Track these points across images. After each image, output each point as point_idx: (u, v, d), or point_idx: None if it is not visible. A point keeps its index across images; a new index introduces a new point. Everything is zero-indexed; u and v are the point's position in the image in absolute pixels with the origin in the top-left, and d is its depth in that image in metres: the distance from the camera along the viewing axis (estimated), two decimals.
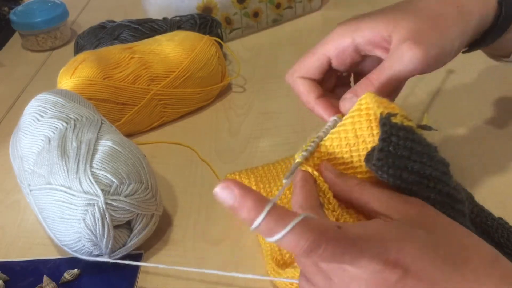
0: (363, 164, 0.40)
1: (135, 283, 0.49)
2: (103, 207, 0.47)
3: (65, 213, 0.48)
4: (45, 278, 0.50)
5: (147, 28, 0.78)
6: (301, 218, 0.29)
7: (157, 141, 0.69)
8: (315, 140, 0.42)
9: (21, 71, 0.89)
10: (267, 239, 0.29)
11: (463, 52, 0.50)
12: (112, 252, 0.49)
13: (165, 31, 0.78)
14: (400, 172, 0.37)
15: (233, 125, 0.70)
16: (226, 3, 0.87)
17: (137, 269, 0.50)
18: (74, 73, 0.65)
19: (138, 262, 0.50)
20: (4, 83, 0.86)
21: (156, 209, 0.52)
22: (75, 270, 0.50)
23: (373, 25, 0.44)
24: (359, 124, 0.40)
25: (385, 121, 0.38)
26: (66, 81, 0.65)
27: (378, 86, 0.43)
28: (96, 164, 0.49)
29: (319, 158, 0.42)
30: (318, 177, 0.40)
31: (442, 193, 0.37)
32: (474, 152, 0.60)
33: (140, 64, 0.67)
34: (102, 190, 0.47)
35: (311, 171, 0.40)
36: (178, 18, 0.81)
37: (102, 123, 0.56)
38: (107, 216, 0.47)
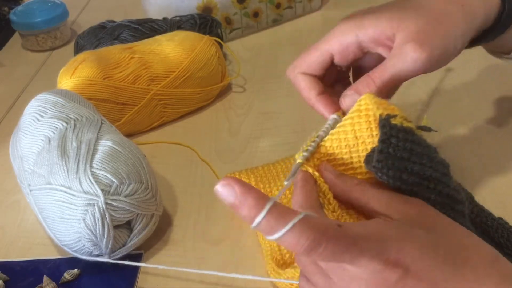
0: (363, 165, 0.40)
1: (135, 283, 0.49)
2: (103, 207, 0.47)
3: (65, 213, 0.48)
4: (45, 278, 0.50)
5: (147, 28, 0.78)
6: (302, 216, 0.29)
7: (157, 141, 0.69)
8: (316, 140, 0.42)
9: (21, 71, 0.89)
10: (268, 237, 0.29)
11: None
12: (112, 252, 0.49)
13: (165, 31, 0.78)
14: (400, 174, 0.37)
15: (233, 125, 0.70)
16: (226, 3, 0.87)
17: (137, 269, 0.50)
18: (74, 73, 0.65)
19: (138, 263, 0.50)
20: (4, 83, 0.86)
21: (156, 209, 0.52)
22: (75, 270, 0.50)
23: (377, 23, 0.43)
24: (359, 125, 0.40)
25: (385, 123, 0.38)
26: (66, 81, 0.65)
27: (380, 85, 0.43)
28: (96, 164, 0.49)
29: (319, 159, 0.42)
30: (319, 178, 0.40)
31: (442, 194, 0.37)
32: (474, 152, 0.60)
33: (140, 64, 0.67)
34: (102, 190, 0.47)
35: (312, 172, 0.40)
36: (178, 18, 0.81)
37: (102, 123, 0.56)
38: (107, 216, 0.47)
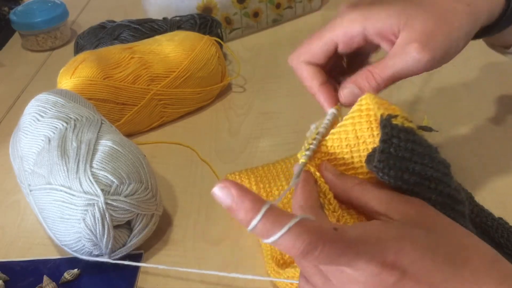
0: (364, 165, 0.40)
1: (135, 283, 0.49)
2: (103, 207, 0.47)
3: (65, 213, 0.48)
4: (45, 278, 0.50)
5: (147, 28, 0.78)
6: (298, 220, 0.29)
7: (157, 141, 0.69)
8: (317, 137, 0.42)
9: (21, 71, 0.89)
10: (264, 241, 0.30)
11: None
12: (112, 252, 0.49)
13: (165, 31, 0.78)
14: (401, 174, 0.37)
15: (233, 125, 0.70)
16: (226, 3, 0.87)
17: (137, 269, 0.50)
18: (74, 73, 0.65)
19: (138, 263, 0.50)
20: (4, 83, 0.86)
21: (156, 209, 0.52)
22: (75, 270, 0.50)
23: (385, 17, 0.43)
24: (360, 125, 0.40)
25: (386, 123, 0.38)
26: (66, 81, 0.65)
27: (379, 81, 0.43)
28: (96, 164, 0.49)
29: (320, 159, 0.42)
30: (319, 178, 0.40)
31: (443, 194, 0.37)
32: (474, 152, 0.60)
33: (140, 64, 0.67)
34: (102, 190, 0.47)
35: (313, 171, 0.40)
36: (178, 18, 0.81)
37: (102, 123, 0.56)
38: (107, 216, 0.47)
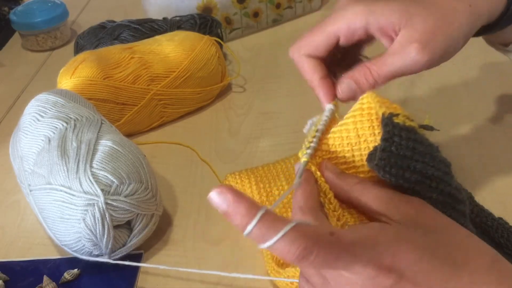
0: (365, 164, 0.40)
1: (135, 283, 0.49)
2: (103, 207, 0.47)
3: (65, 213, 0.48)
4: (45, 278, 0.50)
5: (147, 28, 0.78)
6: (293, 225, 0.29)
7: (157, 141, 0.69)
8: (317, 135, 0.42)
9: (21, 71, 0.89)
10: (259, 246, 0.30)
11: None
12: (112, 252, 0.49)
13: (165, 31, 0.78)
14: (403, 172, 0.37)
15: (233, 125, 0.70)
16: (226, 3, 0.87)
17: (137, 269, 0.50)
18: (74, 73, 0.65)
19: (138, 263, 0.50)
20: (4, 83, 0.86)
21: (156, 209, 0.52)
22: (75, 270, 0.50)
23: (388, 13, 0.43)
24: (361, 124, 0.40)
25: (387, 121, 0.38)
26: (66, 81, 0.65)
27: (377, 78, 0.43)
28: (96, 164, 0.49)
29: (321, 157, 0.42)
30: (320, 178, 0.40)
31: (444, 193, 0.37)
32: (474, 152, 0.60)
33: (140, 64, 0.67)
34: (102, 190, 0.47)
35: (314, 171, 0.40)
36: (178, 18, 0.81)
37: (102, 123, 0.56)
38: (107, 216, 0.47)
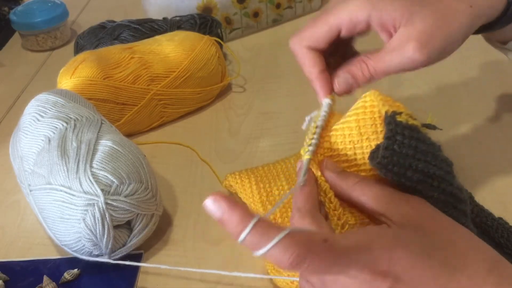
0: (367, 162, 0.40)
1: (135, 283, 0.49)
2: (103, 207, 0.47)
3: (65, 213, 0.48)
4: (45, 278, 0.50)
5: (147, 28, 0.78)
6: (286, 233, 0.29)
7: (157, 141, 0.69)
8: (317, 131, 0.42)
9: (21, 71, 0.89)
10: (253, 253, 0.30)
11: None
12: (112, 252, 0.49)
13: (165, 31, 0.78)
14: (405, 171, 0.37)
15: (233, 125, 0.70)
16: (226, 3, 0.87)
17: (137, 269, 0.50)
18: (74, 73, 0.65)
19: (138, 263, 0.50)
20: (4, 83, 0.86)
21: (156, 209, 0.52)
22: (75, 270, 0.50)
23: (391, 9, 0.42)
24: (364, 122, 0.40)
25: (390, 120, 0.38)
26: (66, 81, 0.65)
27: (373, 74, 0.43)
28: (96, 164, 0.49)
29: (322, 155, 0.41)
30: (320, 177, 0.40)
31: (446, 192, 0.37)
32: (474, 152, 0.60)
33: (140, 64, 0.67)
34: (102, 190, 0.47)
35: (315, 170, 0.40)
36: (178, 18, 0.81)
37: (102, 123, 0.56)
38: (107, 216, 0.47)
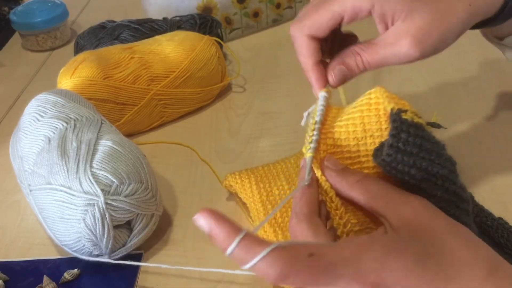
0: (370, 159, 0.39)
1: (135, 283, 0.49)
2: (103, 207, 0.47)
3: (65, 213, 0.48)
4: (45, 278, 0.50)
5: (147, 28, 0.78)
6: (270, 249, 0.30)
7: (157, 141, 0.69)
8: (316, 127, 0.42)
9: (21, 71, 0.89)
10: (241, 267, 0.31)
11: None
12: (112, 252, 0.49)
13: (165, 31, 0.78)
14: (409, 169, 0.36)
15: (233, 125, 0.70)
16: (226, 3, 0.87)
17: (137, 269, 0.50)
18: (74, 73, 0.65)
19: (139, 262, 0.50)
20: (4, 83, 0.86)
21: (156, 209, 0.52)
22: (75, 270, 0.50)
23: (394, 1, 0.42)
24: (368, 119, 0.40)
25: (396, 117, 0.38)
26: (66, 81, 0.65)
27: (367, 66, 0.44)
28: (96, 164, 0.49)
29: (325, 151, 0.41)
30: (321, 176, 0.40)
31: (449, 191, 0.37)
32: (474, 152, 0.60)
33: (140, 64, 0.67)
34: (102, 190, 0.47)
35: (316, 169, 0.40)
36: (178, 18, 0.81)
37: (102, 123, 0.56)
38: (107, 216, 0.47)
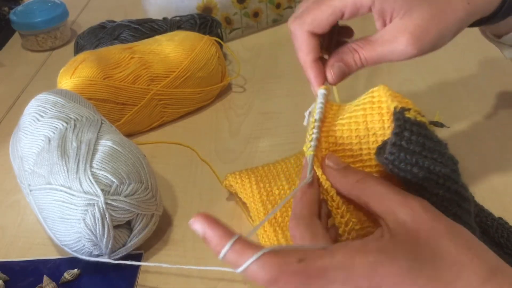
0: (372, 158, 0.39)
1: (135, 283, 0.49)
2: (103, 207, 0.47)
3: (65, 213, 0.48)
4: (45, 278, 0.50)
5: (147, 28, 0.78)
6: (260, 254, 0.31)
7: (157, 141, 0.69)
8: (316, 125, 0.42)
9: (21, 71, 0.89)
10: (235, 270, 0.32)
11: None
12: (112, 252, 0.49)
13: (165, 31, 0.78)
14: (411, 167, 0.37)
15: (233, 125, 0.70)
16: (226, 3, 0.87)
17: (137, 269, 0.50)
18: (74, 73, 0.65)
19: (139, 262, 0.50)
20: (4, 83, 0.86)
21: (156, 209, 0.52)
22: (75, 270, 0.50)
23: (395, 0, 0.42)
24: (371, 117, 0.40)
25: (399, 116, 0.38)
26: (66, 81, 0.65)
27: (364, 63, 0.44)
28: (96, 164, 0.49)
29: (327, 149, 0.41)
30: (321, 175, 0.40)
31: (451, 190, 0.37)
32: (474, 152, 0.60)
33: (140, 64, 0.67)
34: (102, 190, 0.47)
35: (316, 168, 0.40)
36: (178, 18, 0.81)
37: (102, 123, 0.56)
38: (107, 216, 0.47)
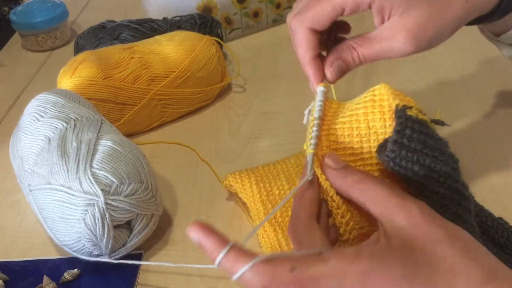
0: (373, 156, 0.39)
1: (135, 283, 0.49)
2: (103, 207, 0.47)
3: (65, 213, 0.48)
4: (45, 278, 0.50)
5: (147, 28, 0.78)
6: (253, 263, 0.32)
7: (157, 141, 0.69)
8: (315, 123, 0.42)
9: (21, 71, 0.89)
10: (231, 277, 0.32)
11: None
12: (112, 252, 0.49)
13: (165, 31, 0.78)
14: (412, 165, 0.37)
15: (233, 125, 0.70)
16: (226, 3, 0.87)
17: (137, 269, 0.50)
18: (74, 73, 0.65)
19: (139, 261, 0.50)
20: (4, 83, 0.86)
21: (156, 209, 0.52)
22: (75, 270, 0.50)
23: None
24: (372, 115, 0.40)
25: (401, 113, 0.38)
26: (66, 81, 0.65)
27: (363, 60, 0.44)
28: (96, 164, 0.49)
29: (328, 147, 0.41)
30: (321, 175, 0.40)
31: (451, 189, 0.37)
32: (474, 152, 0.60)
33: (140, 64, 0.67)
34: (102, 190, 0.47)
35: (316, 168, 0.39)
36: (178, 18, 0.81)
37: (102, 123, 0.56)
38: (107, 216, 0.47)
